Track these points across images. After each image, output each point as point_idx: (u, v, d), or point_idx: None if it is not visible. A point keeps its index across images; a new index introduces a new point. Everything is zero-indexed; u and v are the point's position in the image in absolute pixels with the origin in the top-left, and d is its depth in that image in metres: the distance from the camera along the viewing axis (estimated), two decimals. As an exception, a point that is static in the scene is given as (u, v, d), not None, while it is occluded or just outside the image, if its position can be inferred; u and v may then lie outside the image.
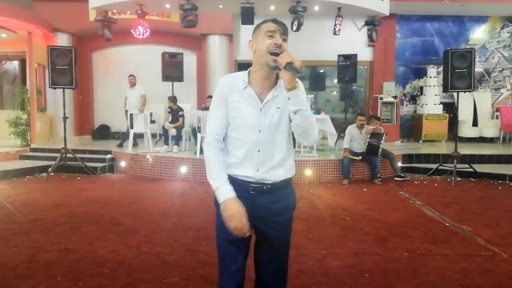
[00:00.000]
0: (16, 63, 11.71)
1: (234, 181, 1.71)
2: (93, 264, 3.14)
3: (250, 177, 1.70)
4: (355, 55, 8.42)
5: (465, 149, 7.61)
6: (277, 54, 1.59)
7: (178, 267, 3.09)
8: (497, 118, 9.70)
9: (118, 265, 3.12)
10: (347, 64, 8.38)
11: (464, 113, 9.70)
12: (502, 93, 10.42)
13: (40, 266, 3.10)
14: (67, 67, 6.82)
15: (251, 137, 1.68)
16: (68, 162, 7.03)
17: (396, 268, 3.15)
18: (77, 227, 4.11)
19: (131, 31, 7.93)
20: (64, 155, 6.97)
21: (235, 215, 1.61)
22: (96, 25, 8.29)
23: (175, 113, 7.53)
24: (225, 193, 1.65)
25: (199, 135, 6.82)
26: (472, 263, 3.22)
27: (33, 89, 8.71)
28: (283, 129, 1.73)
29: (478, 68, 10.01)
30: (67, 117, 7.22)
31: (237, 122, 1.70)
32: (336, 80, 9.69)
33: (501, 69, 10.39)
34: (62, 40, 9.55)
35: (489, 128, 9.61)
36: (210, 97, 7.92)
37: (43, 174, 6.94)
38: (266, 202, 1.72)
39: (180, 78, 8.73)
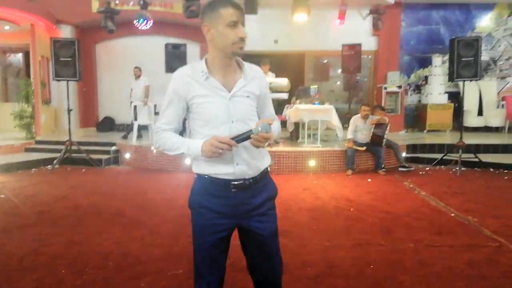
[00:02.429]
0: (20, 56, 11.73)
1: (214, 181, 1.62)
2: (98, 256, 3.16)
3: (230, 174, 1.60)
4: (360, 45, 8.34)
5: (470, 139, 7.54)
6: (242, 48, 1.55)
7: (183, 259, 3.10)
8: (502, 107, 9.60)
9: (122, 258, 3.13)
10: (351, 54, 8.30)
11: (469, 103, 9.59)
12: (508, 82, 10.28)
13: (44, 258, 3.12)
14: (70, 59, 6.81)
15: (224, 130, 1.57)
16: (73, 154, 7.06)
17: (401, 259, 3.13)
18: (82, 219, 4.13)
19: (134, 22, 7.88)
20: (69, 148, 6.99)
21: (213, 142, 1.49)
22: (99, 16, 8.26)
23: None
24: (196, 143, 1.55)
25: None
26: (478, 254, 3.20)
27: (37, 82, 8.71)
28: (253, 117, 1.66)
29: (484, 57, 9.87)
30: (72, 109, 7.23)
31: (206, 117, 1.59)
32: (340, 70, 9.61)
33: (507, 57, 10.24)
34: (65, 32, 9.52)
35: (495, 117, 9.52)
36: None
37: (48, 166, 6.98)
38: (247, 197, 1.64)
39: (183, 70, 8.70)
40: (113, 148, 7.57)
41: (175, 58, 8.64)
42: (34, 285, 2.68)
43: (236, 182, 1.61)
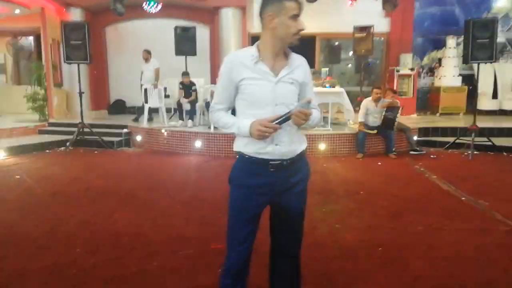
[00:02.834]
0: (31, 39, 11.79)
1: (253, 160, 1.74)
2: (111, 236, 3.23)
3: (269, 154, 1.71)
4: (371, 27, 8.17)
5: (483, 122, 7.40)
6: (298, 39, 1.71)
7: (193, 240, 3.15)
8: (518, 90, 9.38)
9: (135, 237, 3.20)
10: (363, 36, 8.16)
11: (484, 85, 9.36)
12: (525, 64, 10.02)
13: (59, 238, 3.21)
14: (81, 42, 6.83)
15: (267, 111, 1.68)
16: (85, 137, 7.15)
17: (410, 242, 3.14)
18: (95, 200, 4.21)
19: (143, 4, 7.83)
20: (81, 130, 7.08)
21: (259, 126, 1.62)
22: (108, -1, 8.21)
23: (188, 88, 7.52)
24: (244, 125, 1.68)
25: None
26: (488, 238, 3.19)
27: (48, 65, 8.77)
28: (295, 102, 1.75)
29: (500, 38, 9.57)
30: (83, 92, 7.28)
31: (252, 99, 1.71)
32: (351, 53, 9.46)
33: (525, 39, 9.95)
34: (75, 15, 9.49)
35: (510, 100, 9.31)
36: None
37: (62, 148, 7.09)
38: (284, 176, 1.76)
39: (193, 52, 8.66)
40: (125, 130, 7.64)
41: (184, 41, 8.61)
42: (49, 263, 2.76)
43: (274, 162, 1.73)
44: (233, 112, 1.85)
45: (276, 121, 1.61)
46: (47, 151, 7.01)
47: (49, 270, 2.66)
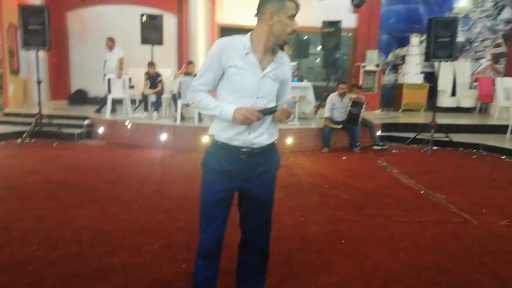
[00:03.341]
0: (-16, 22, 11.09)
1: (226, 146, 1.82)
2: (70, 231, 3.11)
3: (241, 141, 1.80)
4: (339, 22, 8.28)
5: (442, 119, 7.73)
6: (291, 39, 1.81)
7: (158, 235, 3.10)
8: (475, 88, 9.84)
9: (96, 233, 3.10)
10: (331, 31, 8.25)
11: (444, 83, 9.77)
12: (482, 64, 10.53)
13: (15, 234, 3.05)
14: (39, 27, 6.48)
15: (248, 102, 1.76)
16: (43, 128, 6.83)
17: (372, 234, 3.24)
18: (54, 194, 4.04)
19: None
20: (39, 121, 6.75)
21: (245, 112, 1.70)
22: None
23: (154, 79, 7.34)
24: (228, 109, 1.74)
25: (179, 102, 6.70)
26: (444, 230, 3.34)
27: (4, 50, 8.29)
28: (274, 97, 1.87)
29: (460, 38, 10.01)
30: (41, 81, 6.94)
31: (236, 87, 1.77)
32: (319, 48, 9.56)
33: (482, 39, 10.44)
34: (34, -2, 9.02)
35: (467, 98, 9.77)
36: (191, 62, 7.74)
37: (18, 140, 6.73)
38: (254, 163, 1.85)
39: (159, 42, 8.42)
40: (86, 122, 7.36)
41: (151, 29, 8.35)
42: (5, 260, 2.63)
43: (245, 149, 1.81)
44: None
45: (262, 111, 1.71)
46: (2, 142, 6.64)
47: (4, 268, 2.53)
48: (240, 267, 2.09)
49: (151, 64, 7.41)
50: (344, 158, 6.10)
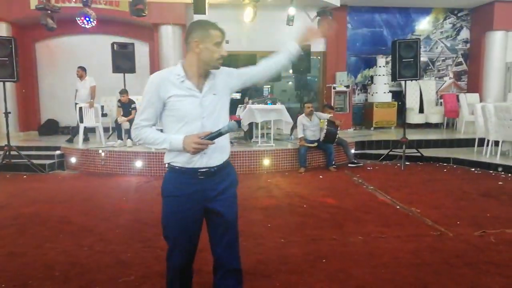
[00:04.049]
0: None
1: (183, 170, 1.87)
2: (43, 267, 2.97)
3: (198, 163, 1.85)
4: (309, 46, 8.53)
5: (412, 135, 8.00)
6: (221, 63, 1.88)
7: (135, 265, 3.00)
8: (441, 104, 10.29)
9: (70, 267, 2.97)
10: (301, 55, 8.45)
11: (411, 101, 10.18)
12: (445, 81, 11.04)
13: (-18, 273, 2.89)
14: (7, 58, 6.38)
15: (196, 125, 1.83)
16: (12, 160, 6.59)
17: (352, 252, 3.25)
18: (24, 229, 3.87)
19: (77, 20, 7.52)
20: (7, 153, 6.52)
21: (194, 140, 1.76)
22: (38, 13, 7.79)
23: (127, 107, 7.26)
24: (177, 140, 1.80)
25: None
26: (422, 243, 3.40)
27: (-32, 83, 8.04)
28: (221, 114, 1.92)
29: (423, 58, 10.51)
30: (10, 112, 6.77)
31: (180, 114, 1.83)
32: (291, 71, 9.78)
33: (444, 58, 10.99)
34: (1, 29, 8.87)
35: (434, 114, 10.17)
36: (125, 92, 7.62)
37: (-16, 174, 6.46)
38: (213, 183, 1.90)
39: (132, 70, 8.42)
40: (58, 152, 7.16)
41: (122, 58, 8.35)
42: (-31, 302, 2.47)
43: (202, 170, 1.86)
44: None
45: (209, 137, 1.77)
46: (-33, 177, 6.35)
47: (-32, 311, 2.38)
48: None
49: (123, 92, 7.35)
50: (321, 177, 6.16)
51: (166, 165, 1.94)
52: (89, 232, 3.75)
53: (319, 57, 10.59)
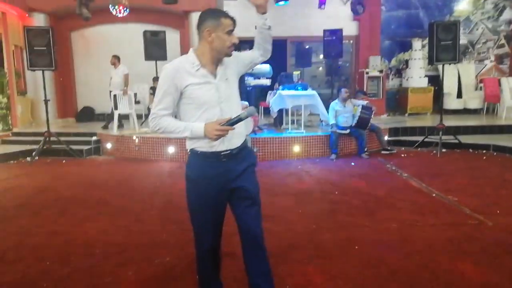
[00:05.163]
0: (-9, 45, 11.29)
1: (206, 154, 1.92)
2: (83, 245, 3.11)
3: (220, 146, 1.91)
4: (341, 30, 8.34)
5: (450, 121, 7.69)
6: (232, 51, 1.93)
7: (170, 246, 3.09)
8: (480, 89, 9.81)
9: (108, 246, 3.10)
10: (333, 39, 8.30)
11: (449, 85, 9.76)
12: (486, 65, 10.51)
13: (28, 250, 3.06)
14: (45, 48, 6.59)
15: (215, 111, 1.89)
16: (52, 146, 6.89)
17: (385, 239, 3.20)
18: (65, 209, 4.06)
19: (110, 9, 7.67)
20: (47, 139, 6.82)
21: (215, 127, 1.81)
22: (73, 3, 8.00)
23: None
24: (198, 127, 1.85)
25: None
26: (459, 232, 3.29)
27: (11, 72, 8.43)
28: (234, 98, 1.99)
29: (463, 40, 10.00)
30: (49, 100, 7.04)
31: (199, 101, 1.88)
32: (322, 56, 9.61)
33: (484, 40, 10.44)
34: (39, 20, 9.19)
35: (473, 99, 9.73)
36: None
37: (27, 158, 6.79)
38: (235, 164, 1.96)
39: (163, 57, 8.53)
40: (94, 138, 7.42)
41: (154, 45, 8.48)
42: (19, 276, 2.63)
43: (224, 153, 1.92)
44: None
45: (229, 123, 1.82)
46: (12, 161, 6.70)
47: (18, 284, 2.53)
48: (248, 270, 2.05)
49: (156, 79, 7.48)
50: (352, 163, 6.07)
51: (188, 151, 2.00)
52: (126, 213, 3.88)
53: (351, 41, 10.33)
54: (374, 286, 2.47)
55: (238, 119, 1.83)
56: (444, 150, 6.59)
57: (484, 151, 6.62)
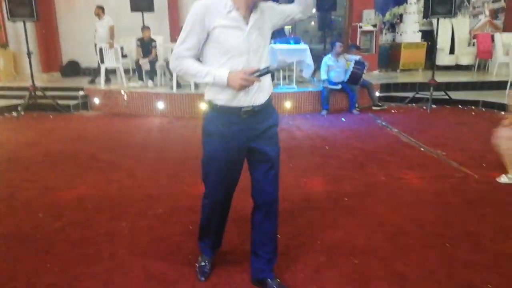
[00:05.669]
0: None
1: (226, 109, 1.79)
2: (75, 200, 3.12)
3: (241, 101, 1.77)
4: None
5: (441, 77, 7.65)
6: None
7: (162, 199, 3.12)
8: (473, 45, 9.69)
9: (100, 200, 3.11)
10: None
11: (442, 41, 9.60)
12: (480, 20, 10.31)
13: (20, 204, 3.07)
14: (25, -4, 6.25)
15: (240, 60, 1.73)
16: (38, 101, 6.73)
17: (374, 191, 3.27)
18: (55, 165, 4.03)
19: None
20: (33, 93, 6.64)
21: (242, 76, 1.68)
22: None
23: (147, 45, 7.13)
24: (222, 74, 1.71)
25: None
26: (445, 184, 3.38)
27: (-10, 23, 8.04)
28: (264, 51, 1.82)
29: (458, -7, 9.77)
30: (32, 53, 6.79)
31: (225, 47, 1.72)
32: (314, 10, 9.30)
33: (481, -6, 10.19)
34: (16, -34, 8.62)
35: (466, 55, 9.64)
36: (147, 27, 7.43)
37: (13, 113, 6.64)
38: (256, 122, 1.84)
39: (150, 8, 8.19)
40: (81, 93, 7.24)
41: (141, -4, 8.09)
42: (12, 229, 2.65)
43: (246, 109, 1.79)
44: None
45: (257, 74, 1.68)
46: (-3, 116, 6.56)
47: (12, 237, 2.55)
48: (254, 231, 2.04)
49: (145, 28, 7.19)
50: (343, 119, 6.08)
51: (207, 104, 1.86)
52: (117, 169, 3.88)
53: (345, -6, 9.98)
54: (362, 235, 2.54)
55: (267, 71, 1.70)
56: (434, 106, 6.62)
57: (473, 107, 6.67)
